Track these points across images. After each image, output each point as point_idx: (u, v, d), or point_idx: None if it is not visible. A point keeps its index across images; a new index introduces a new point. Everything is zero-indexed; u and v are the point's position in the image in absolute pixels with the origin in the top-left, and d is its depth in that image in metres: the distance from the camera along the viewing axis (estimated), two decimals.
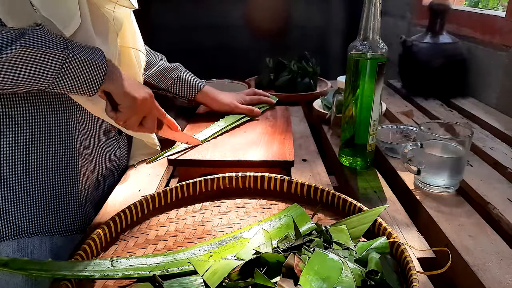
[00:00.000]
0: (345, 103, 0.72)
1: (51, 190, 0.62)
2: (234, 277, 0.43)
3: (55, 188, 0.62)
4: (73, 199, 0.64)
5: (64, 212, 0.64)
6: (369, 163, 0.74)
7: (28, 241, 0.61)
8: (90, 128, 0.66)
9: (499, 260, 0.50)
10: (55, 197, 0.62)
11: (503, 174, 0.70)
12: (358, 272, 0.43)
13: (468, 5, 1.43)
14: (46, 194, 0.62)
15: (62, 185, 0.63)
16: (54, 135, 0.60)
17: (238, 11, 1.78)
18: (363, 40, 0.68)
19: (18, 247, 0.60)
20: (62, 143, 0.61)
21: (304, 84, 1.17)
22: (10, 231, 0.59)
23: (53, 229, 0.63)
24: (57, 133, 0.61)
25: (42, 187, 0.61)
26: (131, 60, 0.71)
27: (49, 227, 0.62)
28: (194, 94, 0.93)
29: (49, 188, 0.62)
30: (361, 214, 0.54)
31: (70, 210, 0.64)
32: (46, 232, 0.62)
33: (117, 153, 0.74)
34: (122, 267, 0.45)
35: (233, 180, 0.65)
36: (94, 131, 0.67)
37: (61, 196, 0.63)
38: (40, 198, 0.61)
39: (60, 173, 0.62)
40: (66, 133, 0.61)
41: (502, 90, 1.01)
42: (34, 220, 0.61)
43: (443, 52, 1.10)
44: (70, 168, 0.63)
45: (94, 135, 0.67)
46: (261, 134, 0.83)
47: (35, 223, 0.61)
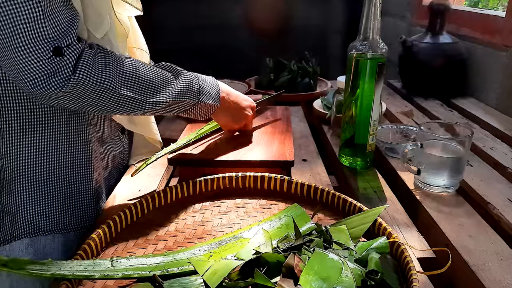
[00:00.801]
0: (345, 103, 0.72)
1: (67, 188, 0.64)
2: (234, 277, 0.43)
3: (71, 186, 0.64)
4: (87, 197, 0.66)
5: (78, 209, 0.65)
6: (369, 163, 0.74)
7: (41, 237, 0.63)
8: (99, 128, 0.68)
9: (499, 260, 0.50)
10: (70, 195, 0.64)
11: (503, 174, 0.70)
12: (358, 272, 0.43)
13: (468, 5, 1.43)
14: (62, 192, 0.63)
15: (77, 183, 0.65)
16: (69, 136, 0.62)
17: (238, 11, 1.78)
18: (363, 40, 0.68)
19: (31, 242, 0.62)
20: (76, 143, 0.63)
21: (304, 84, 1.17)
22: (27, 229, 0.61)
23: (68, 226, 0.65)
24: (71, 133, 0.62)
25: (59, 185, 0.63)
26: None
27: (65, 224, 0.64)
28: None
29: (65, 186, 0.63)
30: (361, 214, 0.54)
31: (84, 207, 0.66)
32: (61, 230, 0.64)
33: (121, 150, 0.76)
34: (122, 267, 0.45)
35: (233, 180, 0.65)
36: (103, 130, 0.69)
37: (76, 194, 0.65)
38: (57, 196, 0.63)
39: (76, 171, 0.64)
40: (80, 133, 0.63)
41: (502, 90, 1.01)
42: (50, 218, 0.63)
43: (443, 52, 1.10)
44: (85, 167, 0.65)
45: (102, 134, 0.69)
46: (261, 134, 0.83)
47: (52, 221, 0.63)
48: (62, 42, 0.49)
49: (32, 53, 0.48)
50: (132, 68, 0.58)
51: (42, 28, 0.48)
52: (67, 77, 0.50)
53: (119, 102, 0.57)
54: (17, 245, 0.61)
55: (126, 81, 0.56)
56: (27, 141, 0.59)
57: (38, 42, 0.48)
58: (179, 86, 0.64)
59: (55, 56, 0.49)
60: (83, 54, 0.51)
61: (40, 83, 0.49)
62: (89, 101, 0.54)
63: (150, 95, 0.60)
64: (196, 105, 0.68)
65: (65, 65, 0.50)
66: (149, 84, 0.59)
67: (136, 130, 0.76)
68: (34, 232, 0.62)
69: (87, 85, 0.52)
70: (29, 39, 0.47)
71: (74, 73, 0.50)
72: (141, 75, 0.58)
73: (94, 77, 0.52)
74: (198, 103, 0.68)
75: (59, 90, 0.50)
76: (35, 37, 0.48)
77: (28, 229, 0.61)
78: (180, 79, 0.65)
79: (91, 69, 0.52)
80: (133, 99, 0.58)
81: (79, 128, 0.63)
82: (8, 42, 0.47)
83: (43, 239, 0.63)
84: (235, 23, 1.77)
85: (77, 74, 0.51)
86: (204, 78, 0.71)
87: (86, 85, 0.52)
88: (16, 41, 0.47)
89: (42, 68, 0.48)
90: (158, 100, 0.61)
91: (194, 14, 1.78)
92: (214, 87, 0.72)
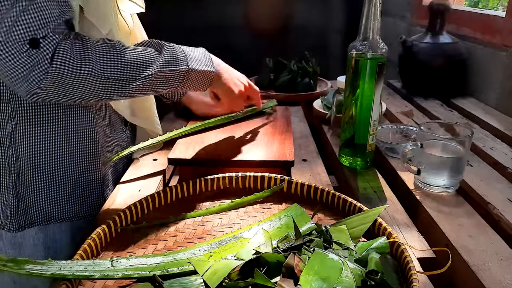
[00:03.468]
0: (345, 103, 0.72)
1: (77, 177, 0.67)
2: (234, 277, 0.43)
3: (80, 176, 0.68)
4: (95, 185, 0.70)
5: (87, 198, 0.69)
6: (369, 163, 0.74)
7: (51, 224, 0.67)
8: (105, 120, 0.71)
9: (499, 260, 0.50)
10: (80, 184, 0.68)
11: (503, 174, 0.70)
12: (358, 272, 0.43)
13: (468, 5, 1.43)
14: (72, 182, 0.67)
15: (86, 172, 0.68)
16: (78, 127, 0.66)
17: (238, 11, 1.78)
18: (363, 40, 0.68)
19: (41, 229, 0.66)
20: (85, 134, 0.67)
21: (304, 84, 1.17)
22: (40, 217, 0.66)
23: (77, 214, 0.69)
24: (80, 124, 0.66)
25: (69, 175, 0.66)
26: None
27: (74, 213, 0.68)
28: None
29: (75, 175, 0.67)
30: (361, 214, 0.54)
31: (92, 196, 0.70)
32: (71, 218, 0.68)
33: (125, 142, 0.78)
34: (122, 267, 0.45)
35: (233, 180, 0.65)
36: (108, 122, 0.72)
37: (85, 183, 0.68)
38: (67, 186, 0.67)
39: (85, 161, 0.68)
40: (88, 124, 0.67)
41: (502, 90, 1.00)
42: (61, 206, 0.67)
43: (443, 52, 1.10)
44: (93, 157, 0.68)
45: (108, 126, 0.72)
46: (261, 134, 0.83)
47: (62, 209, 0.67)
48: (38, 34, 0.50)
49: (11, 48, 0.49)
50: (113, 49, 0.57)
51: (21, 22, 0.49)
52: (45, 69, 0.50)
53: (105, 86, 0.57)
54: (28, 232, 0.65)
55: (107, 63, 0.56)
56: (40, 132, 0.62)
57: (16, 36, 0.49)
58: (164, 57, 0.63)
59: (32, 48, 0.49)
60: (60, 45, 0.52)
61: (21, 78, 0.50)
62: (74, 90, 0.54)
63: (135, 73, 0.59)
64: (188, 74, 0.66)
65: (42, 57, 0.50)
66: (132, 62, 0.58)
67: (138, 123, 0.79)
68: (46, 220, 0.66)
69: (67, 74, 0.52)
70: (7, 35, 0.48)
71: (51, 64, 0.51)
72: (122, 55, 0.58)
73: (72, 65, 0.52)
74: (189, 72, 0.65)
75: (40, 84, 0.51)
76: (13, 32, 0.49)
77: (40, 217, 0.65)
78: (164, 50, 0.64)
79: (69, 58, 0.52)
80: (118, 81, 0.57)
81: (87, 120, 0.66)
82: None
83: (52, 226, 0.67)
84: (235, 23, 1.77)
85: (54, 65, 0.51)
86: (191, 48, 0.69)
87: (66, 75, 0.52)
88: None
89: (21, 63, 0.49)
90: (144, 75, 0.59)
91: (194, 14, 1.78)
92: (204, 54, 0.69)
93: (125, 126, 0.78)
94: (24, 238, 0.65)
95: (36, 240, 0.66)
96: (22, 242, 0.65)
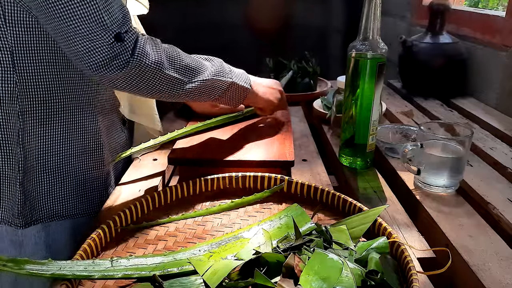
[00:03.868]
0: (345, 103, 0.72)
1: (81, 175, 0.69)
2: (234, 277, 0.43)
3: (84, 173, 0.69)
4: (98, 183, 0.72)
5: (90, 195, 0.71)
6: (369, 163, 0.74)
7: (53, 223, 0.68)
8: (106, 118, 0.72)
9: (499, 260, 0.50)
10: (84, 181, 0.69)
11: (503, 174, 0.70)
12: (358, 272, 0.43)
13: (468, 5, 1.43)
14: (77, 179, 0.68)
15: (90, 170, 0.70)
16: (83, 125, 0.67)
17: (238, 11, 1.78)
18: (363, 40, 0.68)
19: (42, 227, 0.67)
20: (89, 132, 0.68)
21: (304, 84, 1.17)
22: (45, 214, 0.67)
23: (81, 212, 0.70)
24: (85, 123, 0.68)
25: (74, 172, 0.68)
26: None
27: (78, 210, 0.69)
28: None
29: (79, 173, 0.69)
30: (361, 214, 0.54)
31: (95, 193, 0.72)
32: (74, 215, 0.69)
33: (124, 141, 0.79)
34: (122, 267, 0.45)
35: (233, 180, 0.65)
36: (109, 121, 0.73)
37: (89, 181, 0.70)
38: (72, 183, 0.68)
39: (89, 159, 0.69)
40: (92, 123, 0.68)
41: (502, 90, 1.00)
42: (66, 203, 0.68)
43: (443, 52, 1.10)
44: (96, 154, 0.70)
45: (109, 124, 0.74)
46: (261, 134, 0.83)
47: (67, 207, 0.68)
48: (122, 29, 0.55)
49: (96, 41, 0.53)
50: (175, 52, 0.64)
51: (103, 18, 0.53)
52: (126, 59, 0.55)
53: (166, 83, 0.62)
54: (30, 231, 0.66)
55: (172, 63, 0.62)
56: (46, 130, 0.64)
57: (101, 31, 0.53)
58: (214, 67, 0.69)
59: (116, 41, 0.54)
60: (139, 39, 0.57)
61: (103, 67, 0.54)
62: (142, 81, 0.59)
63: (192, 76, 0.65)
64: (230, 87, 0.72)
65: (125, 49, 0.55)
66: (191, 65, 0.65)
67: (137, 120, 0.80)
68: (50, 217, 0.67)
69: (143, 66, 0.57)
70: (92, 29, 0.53)
71: (132, 56, 0.56)
72: (182, 58, 0.64)
73: (148, 59, 0.58)
74: (231, 85, 0.71)
75: (120, 72, 0.55)
76: (98, 27, 0.53)
77: (46, 213, 0.67)
78: (214, 62, 0.71)
79: (146, 52, 0.57)
80: (178, 80, 0.63)
81: (91, 118, 0.68)
82: (74, 33, 0.53)
83: (54, 224, 0.68)
84: (235, 23, 1.77)
85: (135, 57, 0.56)
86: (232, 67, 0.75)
87: (142, 66, 0.57)
88: (81, 32, 0.53)
89: (105, 53, 0.54)
90: (199, 79, 0.66)
91: (194, 14, 1.78)
92: (243, 72, 0.76)
93: (124, 125, 0.79)
94: (25, 236, 0.66)
95: (38, 239, 0.67)
96: (23, 241, 0.66)
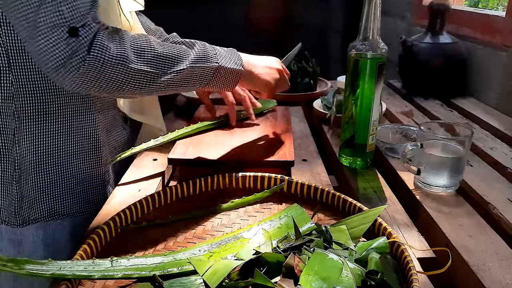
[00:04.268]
0: (345, 103, 0.72)
1: (79, 173, 0.68)
2: (234, 277, 0.43)
3: (82, 172, 0.69)
4: (97, 182, 0.71)
5: (88, 194, 0.71)
6: (369, 163, 0.74)
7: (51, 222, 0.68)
8: (106, 116, 0.72)
9: (499, 260, 0.50)
10: (82, 180, 0.69)
11: (503, 174, 0.70)
12: (358, 272, 0.43)
13: (468, 5, 1.43)
14: (74, 178, 0.68)
15: (88, 168, 0.69)
16: (80, 124, 0.67)
17: (237, 11, 1.78)
18: (363, 40, 0.68)
19: (41, 225, 0.67)
20: (87, 131, 0.68)
21: (304, 84, 1.17)
22: (43, 213, 0.66)
23: (79, 210, 0.70)
24: (82, 121, 0.67)
25: (72, 171, 0.68)
26: None
27: (76, 208, 0.69)
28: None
29: (77, 172, 0.68)
30: (361, 214, 0.54)
31: (94, 192, 0.71)
32: (73, 214, 0.69)
33: (125, 139, 0.79)
34: (122, 267, 0.45)
35: (233, 180, 0.65)
36: (109, 119, 0.73)
37: (86, 179, 0.70)
38: (70, 182, 0.68)
39: (87, 157, 0.69)
40: (90, 121, 0.68)
41: (502, 90, 1.00)
42: (64, 202, 0.68)
43: (443, 52, 1.10)
44: (94, 153, 0.70)
45: (109, 123, 0.73)
46: (261, 134, 0.83)
47: (65, 205, 0.68)
48: (78, 23, 0.50)
49: (50, 37, 0.49)
50: (146, 43, 0.57)
51: (60, 11, 0.49)
52: (82, 57, 0.50)
53: (136, 78, 0.56)
54: (28, 230, 0.66)
55: (140, 55, 0.56)
56: (42, 129, 0.64)
57: (56, 24, 0.49)
58: (196, 53, 0.62)
59: (71, 36, 0.50)
60: (98, 34, 0.52)
61: (61, 67, 0.50)
62: (108, 80, 0.54)
63: (167, 66, 0.59)
64: (217, 72, 0.64)
65: (81, 45, 0.50)
66: (165, 55, 0.59)
67: (139, 119, 0.80)
68: (49, 216, 0.67)
69: (102, 63, 0.52)
70: (47, 23, 0.49)
71: (89, 52, 0.51)
72: (155, 49, 0.58)
73: (107, 54, 0.52)
74: (218, 70, 0.64)
75: (77, 71, 0.51)
76: (53, 21, 0.49)
77: (44, 212, 0.66)
78: (196, 47, 0.64)
79: (105, 47, 0.52)
80: (149, 73, 0.57)
81: (89, 117, 0.67)
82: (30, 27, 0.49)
83: (53, 223, 0.67)
84: (235, 23, 1.77)
85: (92, 53, 0.51)
86: (221, 48, 0.68)
87: (101, 63, 0.52)
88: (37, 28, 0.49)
89: (60, 51, 0.50)
90: (176, 69, 0.59)
91: (194, 14, 1.78)
92: (233, 53, 0.69)
93: (125, 123, 0.79)
94: (23, 235, 0.66)
95: (36, 237, 0.67)
96: (22, 240, 0.66)
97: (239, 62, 0.67)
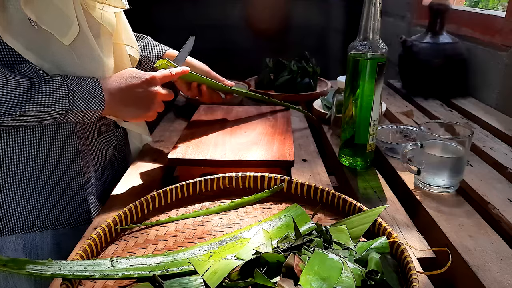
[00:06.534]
0: (345, 103, 0.72)
1: (57, 184, 0.66)
2: (234, 277, 0.43)
3: (60, 183, 0.66)
4: (78, 192, 0.68)
5: (69, 205, 0.68)
6: (369, 163, 0.74)
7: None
8: (90, 124, 0.70)
9: (499, 260, 0.50)
10: (61, 191, 0.67)
11: (503, 174, 0.70)
12: (358, 272, 0.43)
13: (468, 5, 1.43)
14: (52, 189, 0.66)
15: (67, 179, 0.67)
16: (57, 134, 0.65)
17: (238, 11, 1.78)
18: (363, 40, 0.68)
19: (21, 236, 0.65)
20: (64, 140, 0.66)
21: (304, 84, 1.17)
22: (20, 225, 0.64)
23: (60, 222, 0.67)
24: (59, 131, 0.65)
25: (49, 182, 0.65)
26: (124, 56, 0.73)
27: (56, 220, 0.67)
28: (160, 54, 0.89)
29: (55, 183, 0.66)
30: (361, 214, 0.54)
31: (75, 203, 0.69)
32: (53, 226, 0.67)
33: (115, 145, 0.78)
34: (122, 267, 0.45)
35: (233, 180, 0.65)
36: (94, 126, 0.71)
37: (66, 190, 0.67)
38: (47, 193, 0.65)
39: (65, 168, 0.66)
40: (67, 131, 0.65)
41: (502, 90, 1.01)
42: (42, 214, 0.65)
43: (443, 52, 1.10)
44: (73, 163, 0.67)
45: (93, 130, 0.71)
46: (261, 134, 0.83)
47: (43, 217, 0.66)
48: None
49: None
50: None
51: None
52: None
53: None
54: (9, 238, 0.64)
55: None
56: (16, 139, 0.61)
57: None
58: (37, 97, 0.56)
59: None
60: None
61: None
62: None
63: (2, 110, 0.53)
64: (66, 112, 0.60)
65: None
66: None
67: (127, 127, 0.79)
68: (27, 228, 0.65)
69: None
70: None
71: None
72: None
73: None
74: (68, 111, 0.59)
75: None
76: None
77: (20, 225, 0.64)
78: (43, 86, 0.57)
79: None
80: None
81: (67, 126, 0.65)
82: None
83: (33, 233, 0.65)
84: (235, 23, 1.78)
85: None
86: (80, 79, 0.61)
87: None
88: None
89: None
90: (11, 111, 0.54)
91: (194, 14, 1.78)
92: (94, 88, 0.62)
93: (116, 128, 0.78)
94: (4, 243, 0.64)
95: (17, 245, 0.65)
96: (3, 246, 0.64)
97: (99, 100, 0.62)
